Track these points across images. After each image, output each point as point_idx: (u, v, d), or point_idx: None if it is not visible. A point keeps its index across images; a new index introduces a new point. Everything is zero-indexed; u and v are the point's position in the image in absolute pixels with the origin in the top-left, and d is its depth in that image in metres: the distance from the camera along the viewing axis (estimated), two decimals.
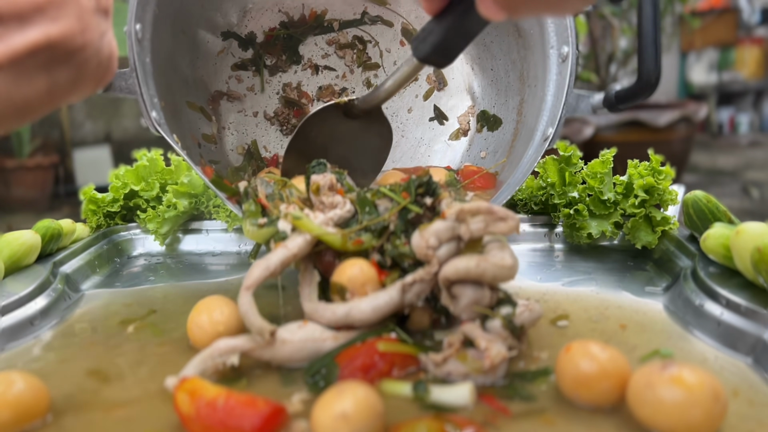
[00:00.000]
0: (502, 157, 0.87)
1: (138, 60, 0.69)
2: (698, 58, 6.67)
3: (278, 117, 0.96)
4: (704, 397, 0.43)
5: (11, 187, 3.80)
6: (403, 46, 0.98)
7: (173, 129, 0.75)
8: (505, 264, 0.55)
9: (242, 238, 0.96)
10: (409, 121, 0.99)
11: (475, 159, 0.93)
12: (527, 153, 0.80)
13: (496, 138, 0.92)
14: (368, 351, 0.53)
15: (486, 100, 0.94)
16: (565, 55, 0.77)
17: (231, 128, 0.95)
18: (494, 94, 0.93)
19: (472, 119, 0.95)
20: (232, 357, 0.54)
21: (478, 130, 0.94)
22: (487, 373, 0.52)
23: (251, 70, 0.96)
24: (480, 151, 0.93)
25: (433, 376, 0.53)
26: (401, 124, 0.99)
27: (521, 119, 0.87)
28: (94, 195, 0.96)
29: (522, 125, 0.86)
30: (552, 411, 0.48)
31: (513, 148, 0.87)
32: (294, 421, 0.46)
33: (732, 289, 0.62)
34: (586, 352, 0.49)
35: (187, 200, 0.94)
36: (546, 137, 0.78)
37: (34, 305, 0.70)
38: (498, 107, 0.92)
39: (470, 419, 0.46)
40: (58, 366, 0.58)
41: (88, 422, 0.48)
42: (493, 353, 0.51)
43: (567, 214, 0.85)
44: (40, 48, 0.40)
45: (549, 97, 0.80)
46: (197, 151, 0.86)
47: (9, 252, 0.75)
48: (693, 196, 0.76)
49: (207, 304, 0.61)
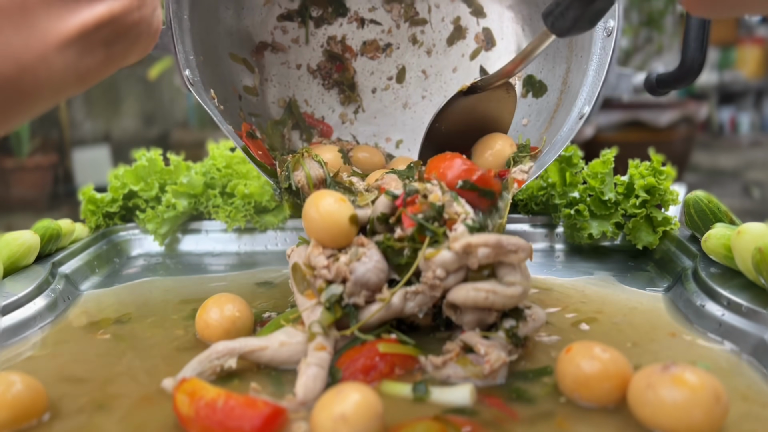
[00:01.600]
0: (543, 126, 0.84)
1: (175, 17, 0.69)
2: None
3: (321, 71, 0.94)
4: (705, 397, 0.42)
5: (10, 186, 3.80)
6: (453, 2, 0.94)
7: (212, 82, 0.75)
8: (514, 294, 0.54)
9: (242, 239, 0.95)
10: (452, 81, 0.95)
11: (516, 125, 0.88)
12: (563, 129, 0.77)
13: (540, 105, 0.88)
14: (369, 352, 0.53)
15: (534, 64, 0.89)
16: (611, 29, 0.73)
17: (273, 80, 0.93)
18: (542, 59, 0.88)
19: (518, 83, 0.90)
20: (229, 359, 0.54)
21: (523, 95, 0.89)
22: (486, 377, 0.52)
23: (297, 21, 0.94)
24: (522, 118, 0.88)
25: (432, 377, 0.53)
26: (444, 84, 0.95)
27: (566, 89, 0.83)
28: (93, 195, 0.95)
29: (566, 95, 0.82)
30: (556, 412, 0.47)
31: (554, 119, 0.83)
32: (294, 423, 0.46)
33: (733, 289, 0.62)
34: (587, 353, 0.49)
35: (187, 200, 0.94)
36: (582, 114, 0.75)
37: (34, 306, 0.69)
38: (545, 73, 0.88)
39: (470, 420, 0.46)
40: (57, 366, 0.58)
41: (87, 423, 0.48)
42: (493, 358, 0.51)
43: (568, 215, 0.85)
44: (105, 22, 0.43)
45: (591, 71, 0.76)
46: (237, 103, 0.85)
47: (8, 252, 0.75)
48: (694, 197, 0.76)
49: (217, 301, 0.62)
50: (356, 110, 0.94)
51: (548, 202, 0.90)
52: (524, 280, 0.55)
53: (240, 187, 0.92)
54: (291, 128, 0.92)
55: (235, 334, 0.60)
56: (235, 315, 0.61)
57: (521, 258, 0.55)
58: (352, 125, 0.94)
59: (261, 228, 0.95)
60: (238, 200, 0.93)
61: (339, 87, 0.93)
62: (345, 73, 0.93)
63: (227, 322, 0.61)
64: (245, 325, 0.62)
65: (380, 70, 0.93)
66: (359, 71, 0.93)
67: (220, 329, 0.60)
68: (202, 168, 0.96)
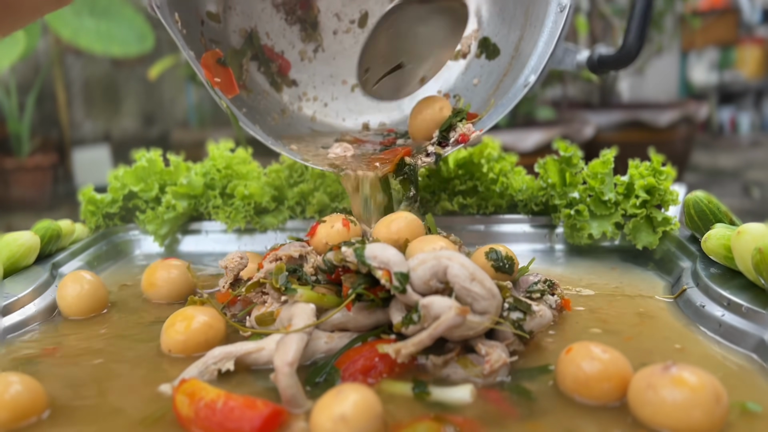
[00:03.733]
0: (491, 88, 0.87)
1: None
2: (699, 57, 6.67)
3: (285, 5, 0.93)
4: (706, 398, 0.42)
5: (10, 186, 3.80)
6: None
7: (176, 5, 0.75)
8: (483, 322, 0.52)
9: (242, 239, 0.95)
10: None
11: (467, 84, 0.92)
12: (508, 94, 0.80)
13: (491, 68, 0.90)
14: (368, 353, 0.53)
15: (490, 27, 0.91)
16: (564, 5, 0.76)
17: (237, 9, 0.92)
18: (499, 23, 0.90)
19: (474, 43, 0.93)
20: (227, 363, 0.54)
21: (477, 55, 0.92)
22: (486, 377, 0.52)
23: None
24: (474, 78, 0.91)
25: (432, 377, 0.53)
26: None
27: (517, 55, 0.86)
28: (93, 196, 0.95)
29: (516, 61, 0.85)
30: (556, 411, 0.47)
31: (502, 83, 0.86)
32: (293, 423, 0.46)
33: (733, 289, 0.62)
34: (587, 353, 0.49)
35: (187, 201, 0.94)
36: (527, 83, 0.78)
37: (34, 306, 0.69)
38: (500, 37, 0.90)
39: (470, 419, 0.46)
40: (56, 367, 0.58)
41: (87, 422, 0.48)
42: (493, 359, 0.51)
43: (568, 215, 0.85)
44: None
45: (541, 42, 0.79)
46: (199, 28, 0.84)
47: (8, 253, 0.75)
48: (694, 197, 0.76)
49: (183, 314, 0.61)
50: (316, 49, 0.93)
51: (548, 203, 0.90)
52: (491, 303, 0.52)
53: (240, 188, 0.92)
54: (250, 59, 0.90)
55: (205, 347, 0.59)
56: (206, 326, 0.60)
57: (468, 327, 0.52)
58: (311, 63, 0.93)
59: (261, 229, 0.95)
60: (238, 201, 0.93)
61: (301, 24, 0.92)
62: (309, 11, 0.92)
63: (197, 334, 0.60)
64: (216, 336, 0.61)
65: (344, 12, 0.92)
66: (323, 11, 0.92)
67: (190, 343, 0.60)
68: (202, 169, 0.96)
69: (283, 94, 0.92)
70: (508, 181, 0.95)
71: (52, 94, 4.13)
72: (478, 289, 0.52)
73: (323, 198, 0.94)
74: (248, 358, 0.55)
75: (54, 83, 4.09)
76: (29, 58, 3.77)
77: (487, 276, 0.53)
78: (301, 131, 0.90)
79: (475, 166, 0.95)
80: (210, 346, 0.56)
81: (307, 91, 0.93)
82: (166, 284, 0.74)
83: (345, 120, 0.94)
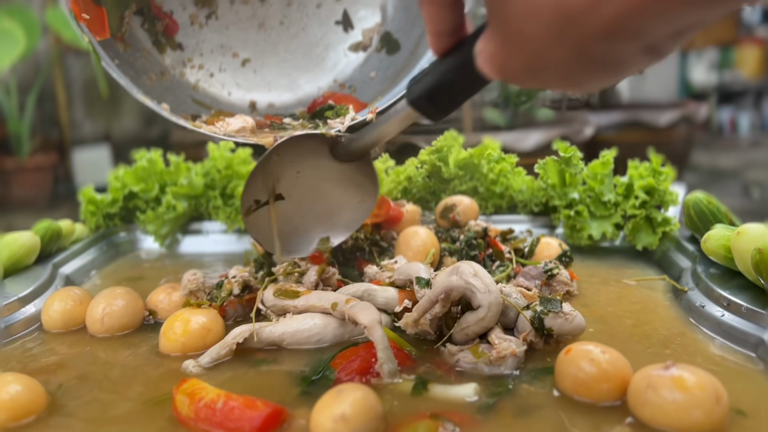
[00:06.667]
0: (387, 82, 0.86)
1: None
2: (699, 57, 6.67)
3: None
4: (706, 398, 0.43)
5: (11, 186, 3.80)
6: None
7: None
8: (481, 315, 0.56)
9: (242, 240, 0.95)
10: (314, 16, 0.92)
11: (364, 77, 0.90)
12: (401, 85, 0.80)
13: (389, 62, 0.89)
14: (365, 353, 0.53)
15: (394, 23, 0.90)
16: None
17: None
18: (403, 19, 0.89)
19: (375, 37, 0.91)
20: (244, 335, 0.58)
21: (377, 49, 0.90)
22: (492, 363, 0.53)
23: None
24: (371, 71, 0.89)
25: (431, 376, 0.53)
26: (305, 17, 0.92)
27: (415, 52, 0.85)
28: (93, 196, 0.96)
29: (413, 59, 0.84)
30: (555, 410, 0.47)
31: (397, 78, 0.85)
32: (293, 423, 0.46)
33: (733, 290, 0.62)
34: (587, 354, 0.49)
35: (187, 201, 0.94)
36: None
37: (34, 306, 0.69)
38: (402, 33, 0.89)
39: (467, 416, 0.46)
40: (56, 367, 0.58)
41: (86, 422, 0.48)
42: (502, 346, 0.54)
43: (567, 216, 0.85)
44: None
45: None
46: None
47: (8, 253, 0.75)
48: (694, 198, 0.76)
49: None
50: (209, 15, 0.86)
51: (548, 203, 0.90)
52: (486, 297, 0.56)
53: (240, 188, 0.92)
54: (134, 13, 0.83)
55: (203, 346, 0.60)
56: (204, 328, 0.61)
57: None
58: (201, 29, 0.86)
59: None
60: (238, 201, 0.93)
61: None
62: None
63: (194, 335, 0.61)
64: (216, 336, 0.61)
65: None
66: None
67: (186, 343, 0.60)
68: (202, 169, 0.96)
69: (166, 57, 0.84)
70: (508, 181, 0.95)
71: (53, 94, 4.13)
72: (477, 283, 0.56)
73: None
74: (263, 332, 0.59)
75: (54, 83, 4.09)
76: (29, 58, 3.77)
77: (488, 276, 0.57)
78: (179, 97, 0.84)
79: (475, 167, 0.95)
80: (209, 347, 0.58)
81: (193, 57, 0.86)
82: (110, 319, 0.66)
83: (231, 94, 0.88)
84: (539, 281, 0.70)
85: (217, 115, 0.80)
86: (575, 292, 0.71)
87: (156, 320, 0.68)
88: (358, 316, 0.55)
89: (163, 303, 0.68)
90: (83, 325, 0.67)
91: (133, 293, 0.68)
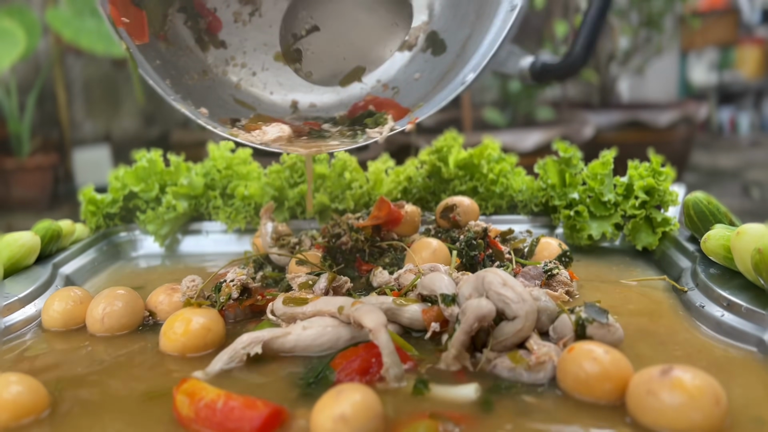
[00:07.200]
0: (432, 84, 0.82)
1: None
2: (699, 57, 6.67)
3: None
4: (705, 400, 0.43)
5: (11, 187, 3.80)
6: None
7: None
8: (516, 326, 0.55)
9: (242, 240, 0.95)
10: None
11: (408, 78, 0.87)
12: (443, 91, 0.76)
13: (434, 63, 0.86)
14: (366, 353, 0.53)
15: (440, 22, 0.87)
16: (515, 4, 0.73)
17: None
18: (450, 19, 0.86)
19: (422, 36, 0.87)
20: (255, 347, 0.56)
21: (422, 49, 0.87)
22: (531, 369, 0.52)
23: None
24: (416, 72, 0.86)
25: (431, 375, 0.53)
26: None
27: (462, 53, 0.82)
28: (94, 196, 0.96)
29: (460, 59, 0.81)
30: (555, 409, 0.47)
31: (443, 80, 0.82)
32: (293, 423, 0.46)
33: (732, 290, 0.62)
34: (589, 354, 0.49)
35: (187, 202, 0.94)
36: (464, 82, 0.74)
37: (34, 306, 0.70)
38: (448, 33, 0.85)
39: (467, 415, 0.46)
40: (57, 366, 0.58)
41: (86, 422, 0.48)
42: (541, 351, 0.52)
43: (567, 216, 0.85)
44: None
45: (486, 41, 0.75)
46: None
47: (9, 253, 0.75)
48: (693, 198, 0.76)
49: None
50: (252, 12, 0.84)
51: (548, 203, 0.91)
52: (521, 306, 0.54)
53: (240, 188, 0.93)
54: (177, 10, 0.82)
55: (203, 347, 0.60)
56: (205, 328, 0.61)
57: None
58: (244, 27, 0.84)
59: None
60: (238, 201, 0.93)
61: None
62: None
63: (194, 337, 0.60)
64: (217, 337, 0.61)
65: None
66: None
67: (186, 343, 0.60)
68: (203, 169, 0.96)
69: (209, 55, 0.83)
70: (508, 181, 0.95)
71: (53, 94, 4.13)
72: (509, 293, 0.54)
73: (323, 198, 0.94)
74: (275, 343, 0.57)
75: (54, 83, 4.09)
76: (29, 58, 3.77)
77: (519, 283, 0.56)
78: (222, 96, 0.83)
79: (475, 167, 0.96)
80: (209, 348, 0.58)
81: (235, 55, 0.84)
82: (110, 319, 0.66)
83: (273, 94, 0.86)
84: (539, 281, 0.70)
85: (255, 121, 0.79)
86: (575, 293, 0.71)
87: (156, 321, 0.68)
88: (363, 319, 0.54)
89: (163, 304, 0.68)
90: (83, 325, 0.67)
91: (133, 293, 0.68)
